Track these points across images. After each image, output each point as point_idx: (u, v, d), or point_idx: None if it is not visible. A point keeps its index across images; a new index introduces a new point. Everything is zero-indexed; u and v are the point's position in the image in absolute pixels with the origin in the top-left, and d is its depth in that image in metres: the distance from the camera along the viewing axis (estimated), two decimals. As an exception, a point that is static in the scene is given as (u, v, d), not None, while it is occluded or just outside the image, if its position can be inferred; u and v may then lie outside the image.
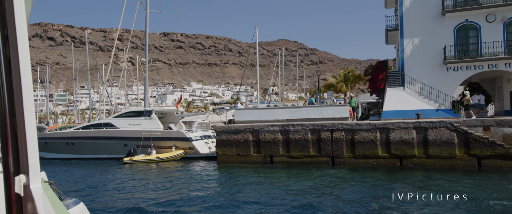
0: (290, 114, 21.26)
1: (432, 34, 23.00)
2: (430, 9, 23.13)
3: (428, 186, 13.80)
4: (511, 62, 21.49)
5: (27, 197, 1.55)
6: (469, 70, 22.34)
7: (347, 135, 19.33)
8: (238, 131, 21.28)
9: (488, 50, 21.83)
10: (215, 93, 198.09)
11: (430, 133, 17.98)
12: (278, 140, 20.49)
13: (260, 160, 20.73)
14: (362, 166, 18.67)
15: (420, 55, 23.19)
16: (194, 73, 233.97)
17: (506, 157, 16.79)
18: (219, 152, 21.60)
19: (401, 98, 22.59)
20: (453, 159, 17.54)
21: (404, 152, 18.28)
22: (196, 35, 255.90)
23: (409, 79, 23.27)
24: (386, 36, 27.79)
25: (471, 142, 17.40)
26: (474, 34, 22.36)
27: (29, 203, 1.54)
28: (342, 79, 41.04)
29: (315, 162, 19.68)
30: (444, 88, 22.34)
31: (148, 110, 26.69)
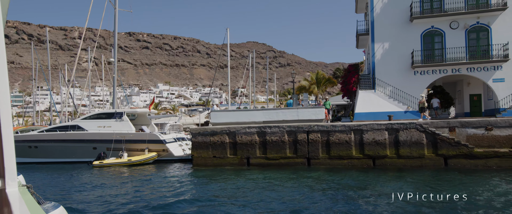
0: (266, 116, 21.38)
1: (401, 39, 24.02)
2: (399, 15, 24.14)
3: (401, 187, 14.40)
4: (472, 67, 22.87)
5: (3, 202, 1.48)
6: (434, 74, 23.53)
7: (323, 136, 19.72)
8: (214, 133, 21.11)
9: (452, 55, 23.12)
10: (183, 95, 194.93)
11: (401, 134, 18.74)
12: (255, 141, 20.53)
13: (236, 162, 20.67)
14: (337, 166, 19.12)
15: (390, 59, 24.13)
16: (161, 74, 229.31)
17: (470, 156, 17.82)
18: (194, 154, 21.30)
19: (372, 101, 23.38)
20: (422, 158, 18.38)
21: (377, 152, 18.92)
22: (163, 36, 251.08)
23: (379, 82, 24.14)
24: (357, 40, 28.67)
25: (438, 142, 18.31)
26: (439, 40, 23.60)
27: (5, 207, 1.48)
28: (314, 81, 41.89)
29: (291, 163, 19.91)
30: (412, 91, 23.38)
31: (119, 111, 25.85)
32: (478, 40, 22.92)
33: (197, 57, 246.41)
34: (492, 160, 17.55)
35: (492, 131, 18.49)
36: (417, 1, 23.83)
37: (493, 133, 18.47)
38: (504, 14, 22.32)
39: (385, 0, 24.65)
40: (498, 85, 22.29)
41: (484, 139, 18.54)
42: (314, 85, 41.14)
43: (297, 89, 42.64)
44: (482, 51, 22.75)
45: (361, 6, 29.83)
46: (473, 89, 26.13)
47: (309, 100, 30.36)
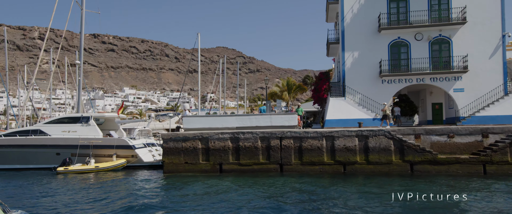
0: (240, 122, 21.34)
1: (370, 49, 24.90)
2: (368, 25, 25.05)
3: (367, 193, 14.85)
4: (435, 77, 24.10)
5: None
6: (401, 83, 24.56)
7: (296, 143, 19.96)
8: (186, 139, 20.78)
9: (417, 65, 24.25)
10: (150, 99, 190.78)
11: (370, 141, 19.34)
12: (228, 147, 20.42)
13: (209, 168, 20.44)
14: (309, 172, 19.40)
15: (360, 68, 24.93)
16: (127, 78, 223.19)
17: (434, 162, 18.68)
18: (166, 160, 20.84)
19: (342, 108, 23.99)
20: (390, 164, 19.04)
21: (347, 158, 19.39)
22: (130, 38, 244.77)
23: (349, 90, 24.84)
24: (328, 48, 29.40)
25: (405, 149, 19.06)
26: (405, 51, 24.70)
27: None
28: (285, 88, 42.42)
29: (264, 169, 19.96)
30: (380, 99, 24.25)
31: (85, 115, 24.83)
32: (441, 52, 24.21)
33: (165, 61, 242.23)
34: (454, 166, 18.49)
35: (454, 138, 19.53)
36: (385, 12, 24.83)
37: (455, 140, 19.52)
38: (464, 28, 23.75)
39: (355, 11, 25.50)
40: (458, 95, 23.61)
41: (447, 145, 19.55)
42: (285, 91, 41.68)
43: (269, 95, 42.99)
44: (444, 62, 24.05)
45: (331, 15, 30.66)
46: (435, 98, 27.50)
47: (282, 107, 30.67)
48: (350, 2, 25.54)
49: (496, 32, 23.50)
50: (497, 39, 23.45)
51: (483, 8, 23.64)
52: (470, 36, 23.66)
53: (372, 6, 25.14)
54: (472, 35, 23.64)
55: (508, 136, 18.79)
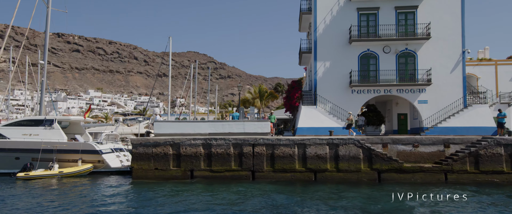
0: (212, 128, 21.21)
1: (341, 59, 25.62)
2: (340, 37, 25.81)
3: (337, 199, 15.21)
4: (401, 88, 25.15)
5: None
6: (369, 93, 25.41)
7: (268, 150, 20.09)
8: (157, 144, 20.36)
9: (384, 77, 25.22)
10: (117, 102, 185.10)
11: (340, 149, 19.83)
12: (200, 153, 20.21)
13: (179, 175, 20.11)
14: (281, 180, 19.56)
15: (331, 78, 25.57)
16: (93, 80, 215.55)
17: (400, 170, 19.42)
18: (135, 166, 20.29)
19: (314, 116, 24.45)
20: (359, 172, 19.58)
21: (318, 166, 19.74)
22: (97, 39, 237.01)
23: (321, 99, 25.38)
24: (300, 57, 29.94)
25: (373, 157, 19.69)
26: (374, 62, 25.64)
27: None
28: (257, 95, 42.62)
29: (236, 176, 19.91)
30: (350, 108, 24.94)
31: (49, 118, 23.71)
32: (407, 65, 25.34)
33: (133, 64, 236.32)
34: (418, 174, 19.31)
35: (418, 148, 20.44)
36: (355, 25, 25.70)
37: (419, 150, 20.43)
38: (428, 43, 25.02)
39: (327, 22, 26.20)
40: (422, 106, 24.76)
41: (412, 155, 20.42)
42: (257, 98, 41.88)
43: (241, 102, 42.97)
44: (409, 75, 25.17)
45: (304, 25, 31.30)
46: (400, 109, 28.66)
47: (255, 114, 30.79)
48: (322, 13, 26.23)
49: (456, 48, 24.93)
50: (458, 54, 24.89)
51: (445, 25, 25.03)
52: (434, 51, 24.96)
53: (343, 18, 25.95)
54: (435, 50, 24.95)
55: (468, 147, 19.92)
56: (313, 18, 26.66)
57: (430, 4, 25.18)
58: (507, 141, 19.05)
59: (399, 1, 25.53)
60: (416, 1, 25.40)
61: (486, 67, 31.03)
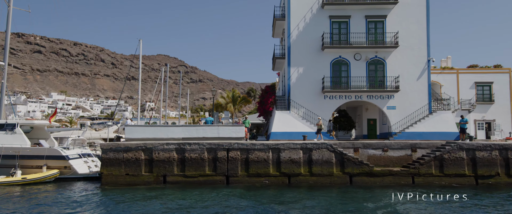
0: (186, 132, 20.93)
1: (314, 65, 26.11)
2: (313, 43, 26.31)
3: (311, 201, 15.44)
4: (371, 94, 25.96)
5: None
6: (341, 99, 26.04)
7: (243, 154, 20.07)
8: (128, 149, 19.80)
9: (355, 83, 25.95)
10: (82, 106, 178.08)
11: (314, 153, 20.15)
12: (173, 158, 19.86)
13: (152, 180, 19.65)
14: (255, 184, 19.57)
15: (304, 83, 25.98)
16: (56, 82, 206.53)
17: (370, 174, 20.00)
18: (104, 172, 19.61)
19: (287, 121, 24.69)
20: (331, 176, 19.97)
21: (292, 170, 19.95)
22: (61, 40, 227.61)
23: (294, 104, 25.71)
24: (274, 63, 30.22)
25: (345, 162, 20.17)
26: (346, 69, 26.33)
27: None
28: (230, 100, 42.49)
29: (210, 181, 19.72)
30: (322, 113, 25.43)
31: (11, 122, 22.48)
32: (376, 72, 26.22)
33: (100, 67, 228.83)
34: (388, 177, 19.98)
35: (387, 152, 21.16)
36: (328, 32, 26.32)
37: (389, 154, 21.15)
38: (396, 51, 26.04)
39: (300, 29, 26.66)
40: (391, 112, 25.67)
41: (382, 159, 21.10)
42: (230, 103, 41.77)
43: (214, 106, 42.61)
44: (379, 82, 26.05)
45: (278, 31, 31.66)
46: (370, 114, 29.55)
47: (229, 118, 30.68)
48: (296, 20, 26.66)
49: (422, 57, 26.10)
50: (423, 63, 26.07)
51: (412, 34, 26.17)
52: (401, 59, 26.00)
53: (316, 25, 26.49)
54: (403, 58, 25.99)
55: (433, 151, 20.85)
56: (286, 25, 27.04)
57: (398, 14, 26.26)
58: (468, 145, 20.12)
59: (369, 10, 26.43)
60: (385, 11, 26.40)
61: (448, 76, 32.67)
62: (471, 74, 32.83)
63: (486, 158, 19.69)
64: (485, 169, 19.60)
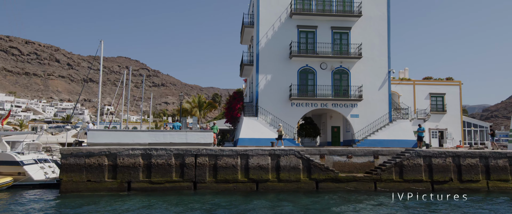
0: (153, 138, 20.44)
1: (282, 73, 26.58)
2: (281, 51, 26.81)
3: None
4: (336, 103, 26.84)
5: None
6: (307, 106, 26.67)
7: (211, 160, 19.91)
8: (91, 154, 18.96)
9: (321, 91, 26.71)
10: (33, 108, 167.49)
11: (282, 160, 20.42)
12: (139, 164, 19.28)
13: (115, 187, 18.93)
14: (223, 190, 19.48)
15: (272, 90, 26.34)
16: (4, 82, 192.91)
17: (336, 180, 20.60)
18: (64, 178, 18.61)
19: (255, 127, 24.87)
20: (298, 182, 20.32)
21: (260, 176, 20.07)
22: (10, 38, 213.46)
23: (262, 111, 25.96)
24: (242, 69, 30.38)
25: (312, 168, 20.62)
26: (312, 77, 27.04)
27: None
28: (196, 105, 41.96)
29: (177, 187, 19.36)
30: (289, 120, 25.89)
31: (-43, 125, 20.72)
32: (341, 81, 27.17)
33: (55, 67, 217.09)
34: (352, 183, 20.67)
35: (352, 159, 21.94)
36: (295, 41, 26.95)
37: (353, 160, 21.93)
38: (360, 62, 27.17)
39: (269, 37, 27.07)
40: (354, 120, 26.67)
41: (346, 165, 21.83)
42: (196, 108, 41.27)
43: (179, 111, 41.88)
44: (343, 91, 27.01)
45: (246, 38, 31.91)
46: (334, 122, 30.50)
47: (197, 124, 30.29)
48: (264, 28, 27.06)
49: (383, 68, 27.45)
50: (384, 74, 27.41)
51: (374, 46, 27.46)
52: (364, 69, 27.16)
53: (284, 34, 27.04)
54: (366, 69, 27.17)
55: (393, 158, 21.89)
56: (255, 32, 27.36)
57: (362, 27, 27.46)
58: (425, 152, 21.36)
59: (334, 22, 27.41)
60: (349, 23, 27.51)
61: (406, 86, 34.55)
62: (426, 86, 34.95)
63: (441, 164, 21.00)
64: (440, 175, 20.88)
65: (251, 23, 29.50)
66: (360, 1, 27.25)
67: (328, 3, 27.44)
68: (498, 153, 21.56)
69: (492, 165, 21.08)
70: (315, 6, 27.36)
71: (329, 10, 27.27)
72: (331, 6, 27.40)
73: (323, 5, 27.42)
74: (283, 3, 27.27)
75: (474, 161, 21.05)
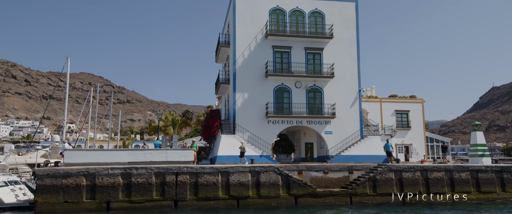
0: (133, 157, 20.27)
1: (258, 92, 27.30)
2: (258, 70, 27.61)
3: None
4: (310, 120, 27.85)
5: None
6: (283, 124, 27.47)
7: (192, 178, 20.00)
8: (68, 175, 18.49)
9: (296, 109, 27.66)
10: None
11: (262, 176, 20.88)
12: (118, 184, 19.00)
13: (94, 207, 18.51)
14: (204, 207, 19.56)
15: (249, 108, 26.94)
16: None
17: (314, 195, 21.28)
18: (39, 200, 17.96)
19: (233, 145, 25.19)
20: (278, 198, 20.80)
21: (241, 193, 20.37)
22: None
23: (239, 128, 26.42)
24: (218, 87, 30.84)
25: (291, 183, 21.22)
26: (287, 96, 27.97)
27: None
28: (169, 123, 41.59)
29: (158, 206, 19.22)
30: (266, 137, 26.51)
31: None
32: (315, 99, 28.29)
33: (11, 84, 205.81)
34: (329, 198, 21.44)
35: (328, 174, 22.80)
36: (271, 61, 27.90)
37: (329, 176, 22.80)
38: (332, 81, 28.50)
39: (245, 56, 27.86)
40: (328, 137, 27.74)
41: (323, 180, 22.63)
42: (169, 126, 40.91)
43: (152, 129, 41.35)
44: (317, 108, 28.10)
45: (222, 57, 32.53)
46: (308, 139, 31.46)
47: (178, 143, 30.09)
48: (241, 48, 27.84)
49: (354, 87, 28.93)
50: (355, 92, 28.89)
51: (345, 66, 28.95)
52: (337, 88, 28.50)
53: (260, 54, 27.93)
54: (338, 88, 28.52)
55: (367, 172, 23.00)
56: (232, 52, 28.06)
57: (333, 48, 28.93)
58: (396, 167, 22.65)
59: (308, 43, 28.72)
60: (322, 44, 28.92)
61: (373, 104, 36.45)
62: (392, 103, 37.05)
63: (411, 178, 22.33)
64: (410, 188, 22.16)
65: (226, 42, 30.24)
66: (331, 24, 28.82)
67: (302, 25, 28.79)
68: (461, 166, 23.29)
69: (456, 178, 22.69)
70: (289, 27, 28.60)
71: (303, 31, 28.58)
72: (304, 28, 28.75)
73: (296, 26, 28.72)
74: (258, 24, 28.28)
75: (440, 174, 22.57)
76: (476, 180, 22.95)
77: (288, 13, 28.76)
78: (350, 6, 29.70)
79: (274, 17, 28.56)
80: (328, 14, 29.10)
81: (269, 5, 28.58)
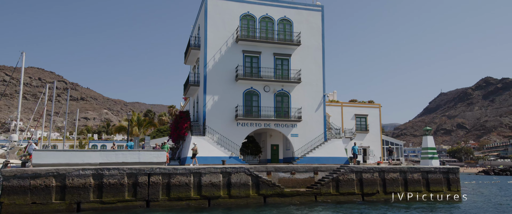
0: (104, 157, 20.17)
1: (228, 95, 28.01)
2: (228, 74, 28.32)
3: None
4: (278, 123, 29.01)
5: None
6: (252, 126, 28.39)
7: (164, 179, 20.32)
8: (37, 176, 18.12)
9: (265, 112, 28.70)
10: None
11: (233, 177, 21.65)
12: (89, 184, 18.90)
13: (63, 208, 18.30)
14: (176, 208, 19.98)
15: (219, 111, 27.56)
16: None
17: (281, 195, 22.41)
18: (5, 202, 17.49)
19: (203, 146, 25.70)
20: (248, 198, 21.69)
21: (212, 193, 21.01)
22: None
23: (209, 130, 26.96)
24: (187, 89, 31.13)
25: (260, 184, 22.19)
26: (256, 99, 28.95)
27: None
28: (135, 123, 40.95)
29: (130, 206, 19.36)
30: (235, 139, 27.26)
31: None
32: (282, 103, 29.52)
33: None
34: (296, 197, 22.67)
35: (295, 175, 24.05)
36: (241, 65, 28.74)
37: (296, 176, 24.05)
38: (299, 86, 29.89)
39: (216, 60, 28.47)
40: (294, 139, 29.07)
41: (290, 181, 23.84)
42: (135, 126, 40.28)
43: (116, 129, 40.51)
44: (284, 112, 29.35)
45: (191, 59, 32.85)
46: (273, 140, 32.65)
47: (149, 143, 29.87)
48: (212, 51, 28.41)
49: (319, 92, 30.53)
50: (320, 97, 30.50)
51: (311, 72, 30.47)
52: (303, 93, 29.93)
53: (230, 58, 28.67)
54: (305, 92, 29.96)
55: (330, 173, 24.53)
56: (202, 55, 28.55)
57: (300, 55, 30.35)
58: (357, 168, 24.39)
59: (276, 49, 29.90)
60: (289, 51, 30.22)
61: (335, 108, 38.47)
62: (352, 107, 39.31)
63: (370, 178, 24.16)
64: (369, 188, 23.98)
65: (197, 45, 30.65)
66: (299, 32, 30.23)
67: (271, 32, 29.92)
68: (414, 168, 25.54)
69: (409, 178, 24.86)
70: (259, 33, 29.61)
71: (272, 38, 29.71)
72: (273, 34, 29.90)
73: (266, 33, 29.80)
74: (229, 28, 29.01)
75: (395, 175, 24.63)
76: (426, 180, 25.28)
77: (258, 20, 29.77)
78: (317, 15, 31.30)
79: (245, 23, 29.44)
80: (296, 22, 30.49)
81: (240, 10, 29.40)
